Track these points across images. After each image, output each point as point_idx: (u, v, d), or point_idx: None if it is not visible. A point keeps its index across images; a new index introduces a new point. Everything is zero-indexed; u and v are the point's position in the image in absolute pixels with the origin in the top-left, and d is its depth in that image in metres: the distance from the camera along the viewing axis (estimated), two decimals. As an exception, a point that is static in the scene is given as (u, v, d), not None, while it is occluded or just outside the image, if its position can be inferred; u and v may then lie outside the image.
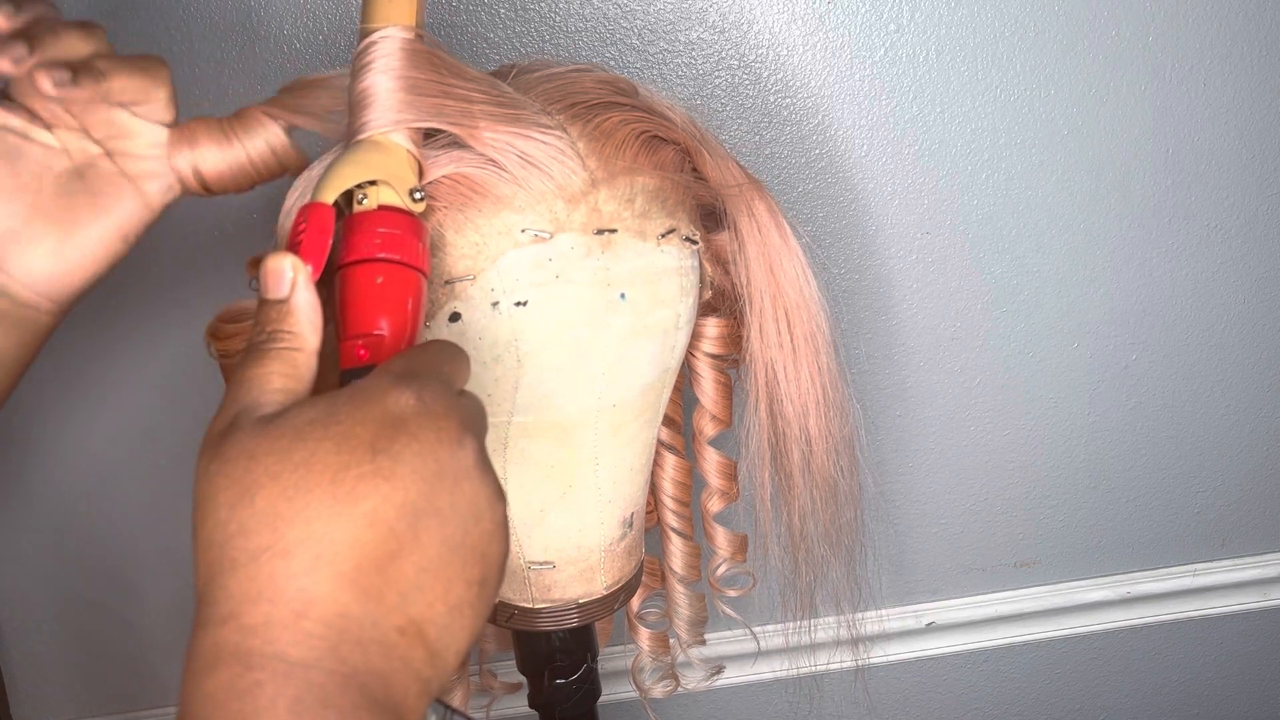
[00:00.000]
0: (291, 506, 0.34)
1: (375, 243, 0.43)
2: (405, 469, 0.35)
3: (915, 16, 0.76)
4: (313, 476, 0.34)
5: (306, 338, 0.40)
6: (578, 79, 0.52)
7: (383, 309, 0.43)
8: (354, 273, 0.43)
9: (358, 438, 0.35)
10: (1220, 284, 0.87)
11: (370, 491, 0.35)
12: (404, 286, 0.43)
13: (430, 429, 0.36)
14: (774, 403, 0.58)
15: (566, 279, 0.49)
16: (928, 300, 0.84)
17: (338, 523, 0.34)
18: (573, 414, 0.53)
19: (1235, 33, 0.79)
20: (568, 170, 0.49)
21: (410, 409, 0.36)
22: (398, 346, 0.43)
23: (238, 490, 0.35)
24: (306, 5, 0.70)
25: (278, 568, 0.34)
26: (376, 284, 0.43)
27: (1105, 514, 0.95)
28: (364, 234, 0.44)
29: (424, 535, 0.35)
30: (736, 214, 0.55)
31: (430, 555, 0.36)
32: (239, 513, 0.34)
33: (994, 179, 0.81)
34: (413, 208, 0.45)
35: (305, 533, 0.34)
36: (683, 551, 0.68)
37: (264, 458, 0.35)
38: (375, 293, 0.43)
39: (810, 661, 0.78)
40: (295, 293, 0.41)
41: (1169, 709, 1.05)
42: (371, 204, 0.44)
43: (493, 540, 0.38)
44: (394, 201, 0.44)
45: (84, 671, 0.88)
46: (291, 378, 0.39)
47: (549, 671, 0.63)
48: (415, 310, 0.44)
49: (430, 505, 0.36)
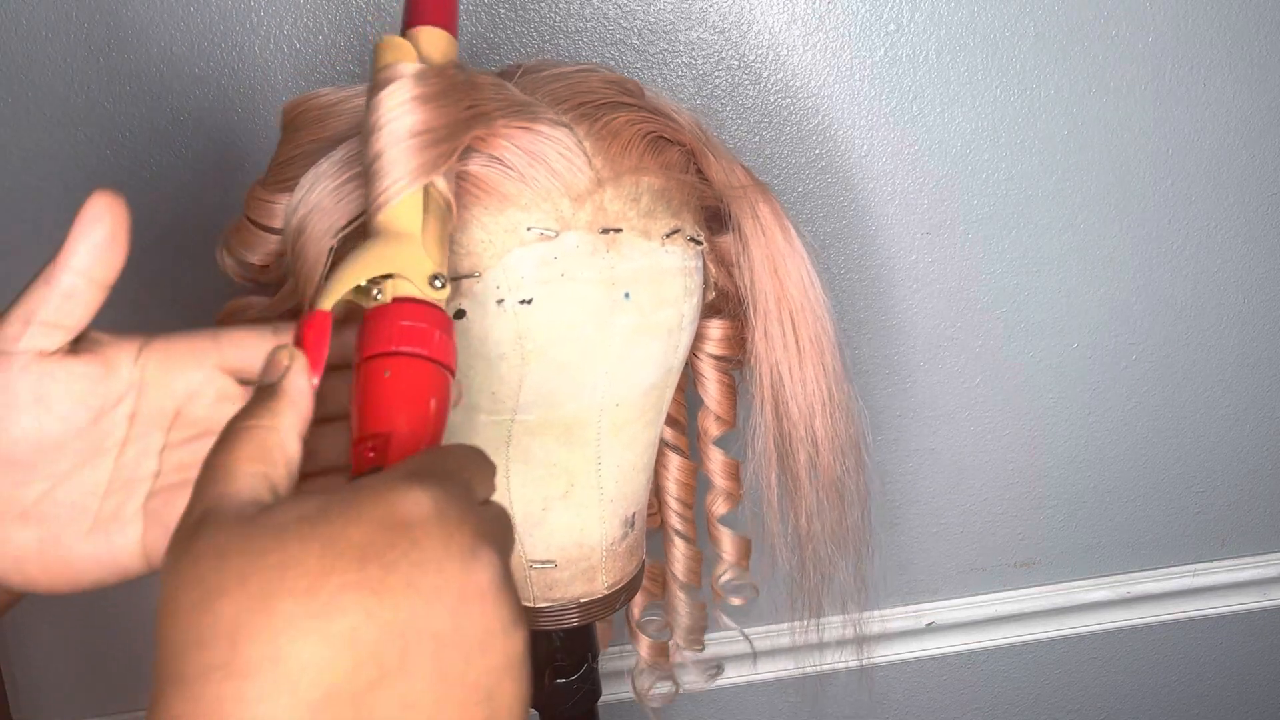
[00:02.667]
0: (256, 618, 0.29)
1: (388, 336, 0.40)
2: (398, 581, 0.30)
3: (915, 16, 0.76)
4: (286, 583, 0.29)
5: (283, 420, 0.36)
6: (584, 79, 0.52)
7: (393, 406, 0.38)
8: (365, 370, 0.39)
9: (347, 540, 0.30)
10: (1220, 284, 0.87)
11: (352, 605, 0.29)
12: (419, 381, 0.39)
13: (438, 536, 0.31)
14: (780, 404, 0.58)
15: (571, 277, 0.49)
16: (928, 300, 0.84)
17: (309, 640, 0.29)
18: (576, 412, 0.53)
19: (1235, 33, 0.79)
20: (574, 169, 0.49)
21: (417, 511, 0.31)
22: (412, 448, 0.38)
23: (200, 592, 0.30)
24: (306, 5, 0.70)
25: (228, 690, 0.28)
26: (385, 379, 0.39)
27: (1105, 514, 0.95)
28: (377, 329, 0.40)
29: (414, 663, 0.30)
30: (741, 216, 0.55)
31: (419, 688, 0.30)
32: (198, 619, 0.30)
33: (994, 179, 0.81)
34: (433, 297, 0.41)
35: (269, 650, 0.28)
36: (685, 555, 0.67)
37: (235, 557, 0.30)
38: (384, 388, 0.39)
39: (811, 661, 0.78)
40: (286, 377, 0.37)
41: (1169, 709, 1.06)
42: (386, 298, 0.41)
43: (504, 677, 0.32)
44: (411, 293, 0.41)
45: (84, 671, 0.88)
46: (261, 461, 0.34)
47: (550, 671, 0.63)
48: (437, 408, 0.39)
49: (426, 627, 0.30)
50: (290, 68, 0.71)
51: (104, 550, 0.41)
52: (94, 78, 0.70)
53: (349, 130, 0.50)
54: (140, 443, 0.42)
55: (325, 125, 0.52)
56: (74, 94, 0.70)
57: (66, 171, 0.72)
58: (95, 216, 0.39)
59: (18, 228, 0.73)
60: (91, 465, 0.41)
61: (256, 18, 0.70)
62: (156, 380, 0.42)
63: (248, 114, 0.72)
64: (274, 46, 0.71)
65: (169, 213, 0.73)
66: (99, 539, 0.41)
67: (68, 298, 0.40)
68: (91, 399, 0.41)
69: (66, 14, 0.68)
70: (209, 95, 0.71)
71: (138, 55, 0.70)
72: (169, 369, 0.42)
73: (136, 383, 0.42)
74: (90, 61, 0.70)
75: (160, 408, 0.42)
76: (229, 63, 0.71)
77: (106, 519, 0.42)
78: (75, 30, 0.69)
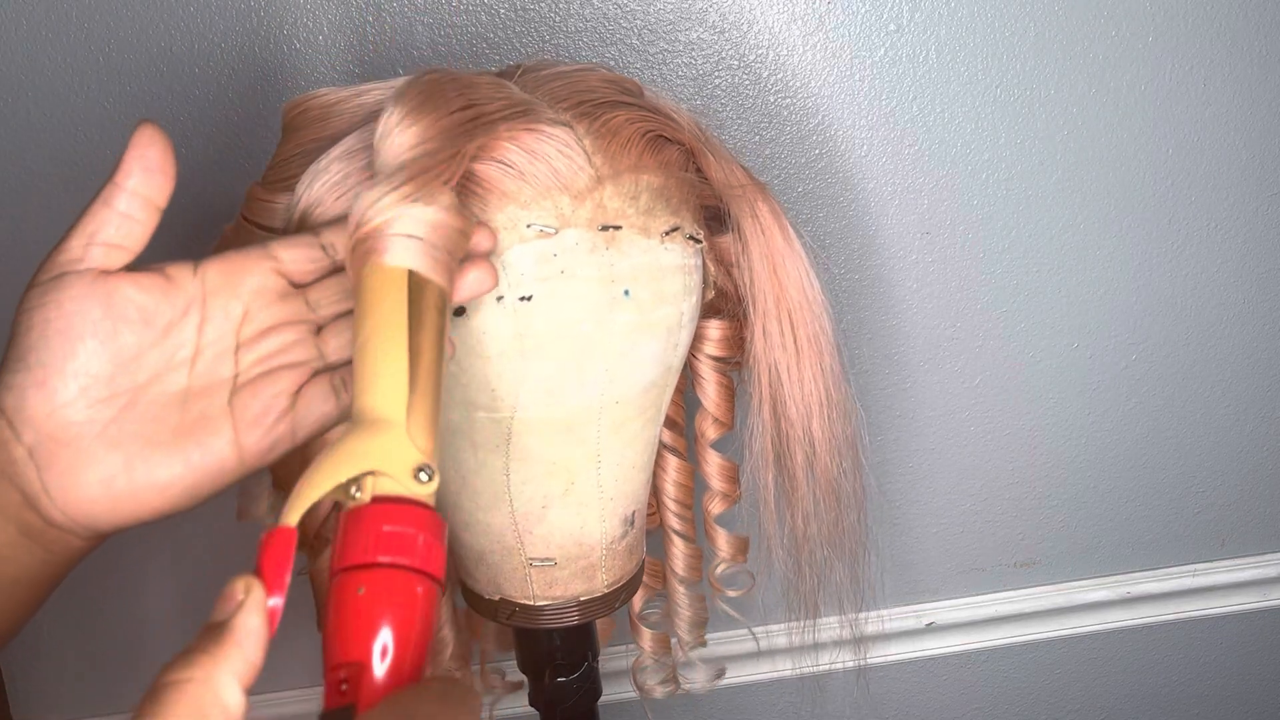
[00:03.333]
0: None
1: (364, 546, 0.35)
2: None
3: (915, 16, 0.76)
4: None
5: (222, 670, 0.32)
6: (584, 77, 0.52)
7: (368, 630, 0.33)
8: (338, 584, 0.34)
9: None
10: (1220, 284, 0.88)
11: None
12: (400, 596, 0.34)
13: None
14: (777, 404, 0.58)
15: (571, 274, 0.50)
16: (928, 300, 0.84)
17: None
18: (575, 410, 0.53)
19: (1235, 33, 0.79)
20: (574, 166, 0.49)
21: None
22: (393, 680, 0.33)
23: None
24: (306, 5, 0.70)
25: None
26: (358, 596, 0.34)
27: (1105, 514, 0.95)
28: (354, 535, 0.35)
29: None
30: (740, 215, 0.55)
31: None
32: None
33: (994, 179, 0.81)
34: (419, 494, 0.36)
35: None
36: (684, 553, 0.68)
37: None
38: (359, 608, 0.34)
39: (811, 662, 0.78)
40: (238, 615, 0.33)
41: (1169, 709, 1.05)
42: (365, 496, 0.36)
43: None
44: (393, 490, 0.36)
45: (84, 671, 0.88)
46: None
47: (550, 670, 0.63)
48: (421, 631, 0.34)
49: None
50: (290, 68, 0.71)
51: (196, 458, 0.42)
52: (94, 78, 0.70)
53: (349, 130, 0.50)
54: (213, 349, 0.43)
55: (325, 125, 0.52)
56: (74, 94, 0.70)
57: (67, 171, 0.72)
58: (147, 141, 0.41)
59: (18, 227, 0.73)
60: (167, 378, 0.42)
61: (257, 18, 0.70)
62: (218, 288, 0.43)
63: (248, 114, 0.72)
64: (274, 46, 0.71)
65: (168, 213, 0.73)
66: (188, 448, 0.42)
67: (126, 218, 0.41)
68: (159, 313, 0.42)
69: (66, 14, 0.69)
70: (209, 95, 0.71)
71: (138, 55, 0.70)
72: (228, 278, 0.43)
73: (199, 294, 0.43)
74: (90, 61, 0.70)
75: (227, 313, 0.43)
76: (229, 63, 0.71)
77: (191, 426, 0.42)
78: (75, 30, 0.69)
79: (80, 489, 0.40)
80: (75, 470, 0.40)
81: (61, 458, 0.40)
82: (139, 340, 0.41)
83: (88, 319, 0.40)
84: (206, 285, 0.43)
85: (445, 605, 0.68)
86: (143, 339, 0.41)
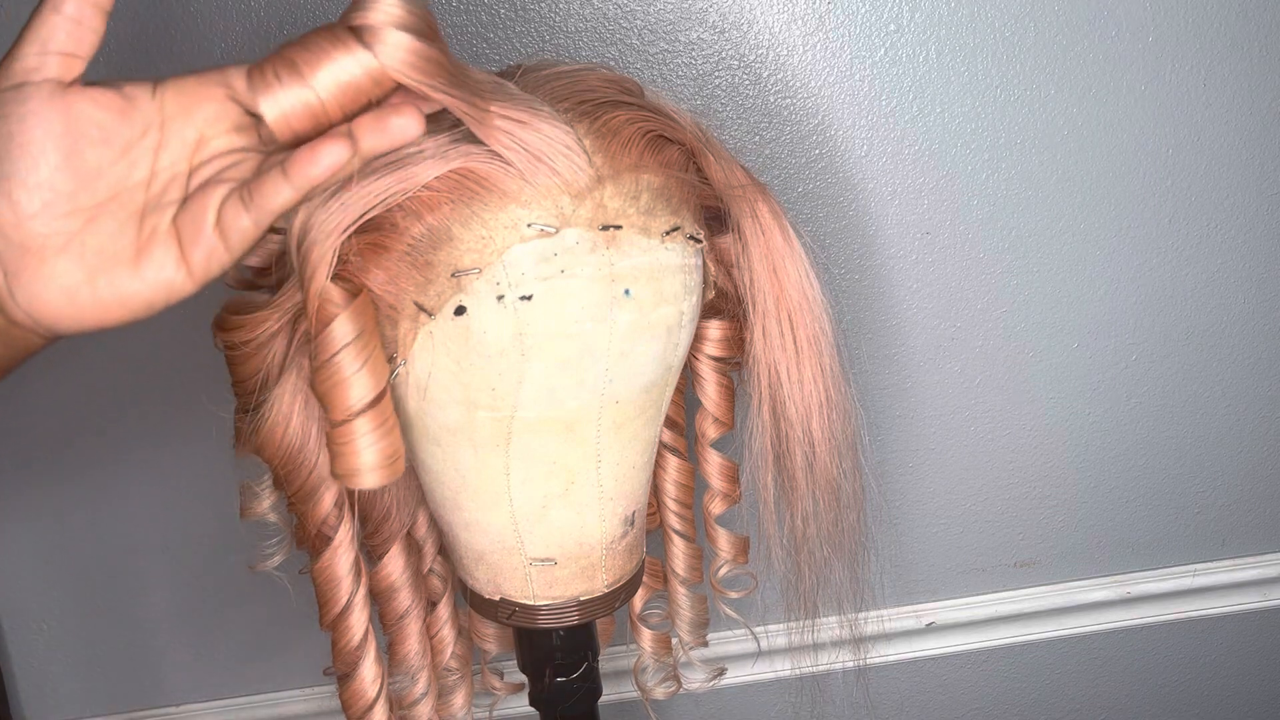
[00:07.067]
0: None
1: None
2: None
3: (915, 16, 0.76)
4: None
5: None
6: (584, 77, 0.52)
7: None
8: None
9: None
10: (1220, 284, 0.88)
11: None
12: None
13: None
14: (777, 405, 0.58)
15: (571, 274, 0.50)
16: (928, 300, 0.85)
17: None
18: (576, 409, 0.53)
19: (1235, 33, 0.79)
20: (574, 166, 0.49)
21: None
22: None
23: None
24: (306, 5, 0.70)
25: None
26: None
27: (1105, 514, 0.95)
28: None
29: None
30: (740, 216, 0.55)
31: None
32: None
33: (994, 179, 0.81)
34: None
35: None
36: (684, 553, 0.68)
37: None
38: None
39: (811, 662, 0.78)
40: None
41: (1169, 709, 1.06)
42: None
43: None
44: None
45: (84, 671, 0.88)
46: None
47: (550, 670, 0.63)
48: None
49: None
50: (291, 67, 0.71)
51: (150, 274, 0.43)
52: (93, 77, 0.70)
53: None
54: (168, 173, 0.44)
55: None
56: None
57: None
58: None
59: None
60: (125, 197, 0.43)
61: (257, 18, 0.70)
62: (175, 113, 0.44)
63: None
64: (274, 47, 0.71)
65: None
66: (145, 264, 0.43)
67: (77, 23, 0.42)
68: (118, 133, 0.42)
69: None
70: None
71: (137, 55, 0.70)
72: (184, 101, 0.44)
73: (157, 117, 0.43)
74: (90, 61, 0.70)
75: (183, 138, 0.44)
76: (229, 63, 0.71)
77: (146, 243, 0.43)
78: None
79: (45, 296, 0.42)
80: (40, 280, 0.42)
81: (27, 266, 0.41)
82: (99, 158, 0.42)
83: (50, 133, 0.41)
84: (165, 110, 0.44)
85: (445, 605, 0.68)
86: (102, 157, 0.42)
